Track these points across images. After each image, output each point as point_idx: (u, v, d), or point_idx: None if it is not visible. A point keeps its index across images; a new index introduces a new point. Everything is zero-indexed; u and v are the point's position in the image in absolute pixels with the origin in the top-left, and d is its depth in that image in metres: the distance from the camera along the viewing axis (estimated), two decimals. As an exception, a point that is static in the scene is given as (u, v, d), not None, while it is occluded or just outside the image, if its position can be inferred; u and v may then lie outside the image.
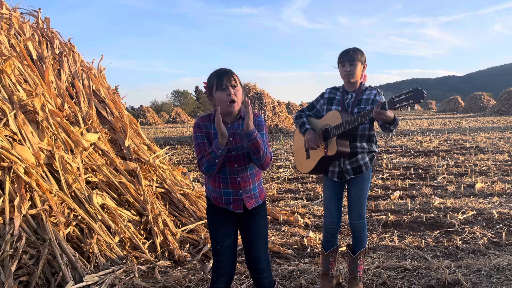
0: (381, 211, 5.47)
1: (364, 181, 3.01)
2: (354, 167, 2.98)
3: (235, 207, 2.35)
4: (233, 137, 2.30)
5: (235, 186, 2.33)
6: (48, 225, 3.35)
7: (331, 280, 3.21)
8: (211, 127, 2.31)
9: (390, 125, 2.73)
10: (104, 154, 4.43)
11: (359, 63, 2.93)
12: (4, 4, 5.03)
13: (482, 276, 3.29)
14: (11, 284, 2.91)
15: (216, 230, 2.39)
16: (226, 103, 2.25)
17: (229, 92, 2.25)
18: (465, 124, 23.16)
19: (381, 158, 10.57)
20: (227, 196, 2.34)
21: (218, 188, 2.35)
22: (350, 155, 2.94)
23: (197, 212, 4.79)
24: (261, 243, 2.41)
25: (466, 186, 6.76)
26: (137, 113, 45.22)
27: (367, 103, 2.92)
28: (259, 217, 2.42)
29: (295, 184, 7.63)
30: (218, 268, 2.37)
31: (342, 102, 3.01)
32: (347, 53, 2.93)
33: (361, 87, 2.99)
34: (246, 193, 2.34)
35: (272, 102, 23.76)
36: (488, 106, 41.26)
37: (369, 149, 3.00)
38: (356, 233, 3.07)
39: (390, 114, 2.62)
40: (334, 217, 3.09)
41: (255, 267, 2.41)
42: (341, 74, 2.99)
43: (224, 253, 2.36)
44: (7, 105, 3.74)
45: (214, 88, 2.27)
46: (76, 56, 5.20)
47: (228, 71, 2.30)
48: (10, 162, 3.45)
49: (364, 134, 2.96)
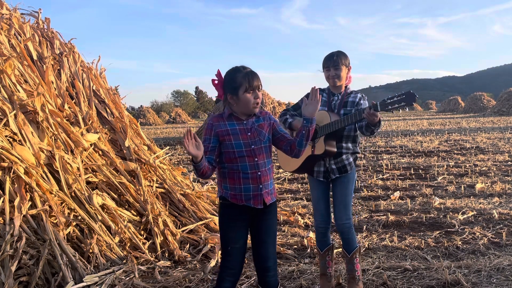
0: (381, 212, 5.47)
1: (349, 180, 3.06)
2: (339, 167, 3.03)
3: (255, 203, 2.34)
4: (251, 132, 2.35)
5: (256, 180, 2.33)
6: (48, 225, 3.35)
7: (330, 280, 3.21)
8: (225, 125, 2.34)
9: (375, 127, 2.80)
10: (104, 155, 4.43)
11: (343, 67, 3.01)
12: (4, 4, 5.04)
13: (482, 277, 3.29)
14: (11, 284, 2.92)
15: (229, 231, 2.38)
16: (252, 105, 2.31)
17: (257, 96, 2.31)
18: (465, 125, 23.16)
19: (381, 158, 10.57)
20: (247, 192, 2.33)
21: (238, 185, 2.34)
22: (335, 155, 3.00)
23: (197, 212, 4.79)
24: (270, 242, 2.42)
25: (466, 186, 6.76)
26: (137, 113, 45.22)
27: (353, 105, 3.01)
28: (271, 215, 2.44)
29: (295, 185, 7.63)
30: (226, 268, 2.36)
31: (329, 103, 3.08)
32: (331, 57, 3.01)
33: (347, 90, 3.08)
34: (265, 188, 2.36)
35: (272, 102, 23.78)
36: (488, 106, 41.24)
37: (353, 150, 3.08)
38: (344, 235, 3.09)
39: (378, 115, 2.72)
40: (324, 216, 3.14)
41: (263, 265, 2.41)
42: (326, 78, 3.08)
43: (234, 254, 2.36)
44: (7, 105, 3.74)
45: (243, 89, 2.29)
46: (76, 56, 5.20)
47: (255, 72, 2.33)
48: (10, 162, 3.45)
49: (349, 135, 3.04)
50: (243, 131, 2.34)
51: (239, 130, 2.33)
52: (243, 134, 2.33)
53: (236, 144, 2.31)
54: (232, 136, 2.32)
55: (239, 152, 2.31)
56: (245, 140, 2.32)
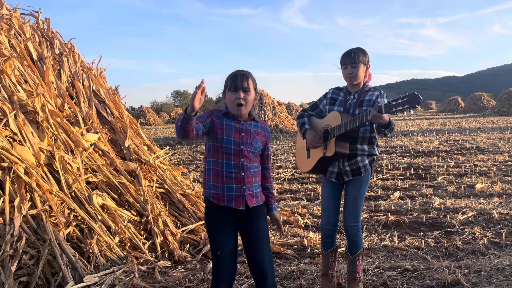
0: (381, 212, 5.47)
1: (362, 183, 2.99)
2: (353, 169, 2.96)
3: (237, 204, 2.32)
4: (245, 134, 2.37)
5: (239, 181, 2.32)
6: (48, 225, 3.35)
7: (331, 280, 3.21)
8: (223, 118, 2.37)
9: (385, 128, 2.70)
10: (104, 155, 4.43)
11: (361, 65, 2.90)
12: (4, 4, 5.04)
13: (482, 277, 3.29)
14: (11, 284, 2.92)
15: (216, 236, 2.35)
16: (234, 105, 2.32)
17: (239, 95, 2.30)
18: (465, 125, 23.17)
19: (381, 158, 10.56)
20: (230, 191, 2.32)
21: (221, 183, 2.33)
22: (349, 156, 2.92)
23: (197, 212, 4.79)
24: (265, 247, 2.38)
25: (466, 186, 6.76)
26: (137, 113, 45.21)
27: (369, 104, 2.89)
28: (260, 220, 2.40)
29: (295, 185, 7.63)
30: (219, 275, 2.33)
31: (344, 103, 2.99)
32: (349, 54, 2.91)
33: (364, 88, 2.97)
34: (248, 190, 2.35)
35: (272, 102, 23.76)
36: (488, 106, 41.26)
37: (369, 152, 2.97)
38: (350, 237, 3.03)
39: (386, 117, 2.61)
40: (331, 218, 3.06)
41: (260, 272, 2.36)
42: (344, 76, 2.98)
43: (224, 259, 2.32)
44: (7, 105, 3.74)
45: (227, 88, 2.35)
46: (76, 57, 5.20)
47: (244, 74, 2.34)
48: (10, 163, 3.45)
49: (365, 137, 2.94)
50: (237, 130, 2.35)
51: (234, 127, 2.35)
52: (236, 132, 2.35)
53: (227, 139, 2.32)
54: (225, 131, 2.34)
55: (226, 148, 2.32)
56: (236, 139, 2.34)
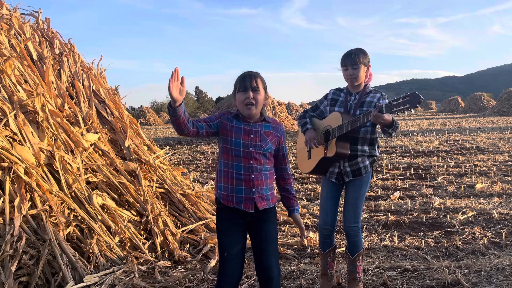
0: (381, 212, 5.47)
1: (363, 184, 2.99)
2: (354, 170, 2.96)
3: (246, 206, 2.32)
4: (254, 135, 2.36)
5: (249, 183, 2.32)
6: (48, 225, 3.35)
7: (330, 280, 3.21)
8: (232, 121, 2.38)
9: (389, 128, 2.70)
10: (104, 155, 4.43)
11: (362, 66, 2.89)
12: (4, 4, 5.04)
13: (482, 277, 3.29)
14: (11, 284, 2.92)
15: (225, 236, 2.35)
16: (244, 105, 2.32)
17: (249, 95, 2.31)
18: (465, 125, 23.16)
19: (381, 158, 10.56)
20: (239, 193, 2.32)
21: (230, 185, 2.33)
22: (350, 157, 2.92)
23: (197, 212, 4.79)
24: (272, 250, 2.38)
25: (466, 186, 6.76)
26: (137, 113, 45.23)
27: (370, 105, 2.89)
28: (269, 223, 2.40)
29: (295, 185, 7.62)
30: (224, 276, 2.32)
31: (345, 104, 2.99)
32: (349, 56, 2.90)
33: (365, 89, 2.97)
34: (258, 192, 2.34)
35: (272, 102, 23.78)
36: (488, 106, 41.26)
37: (370, 153, 2.97)
38: (350, 238, 3.03)
39: (388, 117, 2.60)
40: (328, 218, 3.06)
41: (266, 275, 2.36)
42: (344, 77, 2.97)
43: (231, 260, 2.31)
44: (7, 105, 3.74)
45: (237, 89, 2.35)
46: (76, 57, 5.20)
47: (253, 74, 2.35)
48: (10, 163, 3.45)
49: (365, 137, 2.94)
50: (246, 132, 2.35)
51: (243, 129, 2.35)
52: (245, 134, 2.34)
53: (236, 142, 2.33)
54: (234, 133, 2.34)
55: (236, 150, 2.32)
56: (245, 141, 2.33)
